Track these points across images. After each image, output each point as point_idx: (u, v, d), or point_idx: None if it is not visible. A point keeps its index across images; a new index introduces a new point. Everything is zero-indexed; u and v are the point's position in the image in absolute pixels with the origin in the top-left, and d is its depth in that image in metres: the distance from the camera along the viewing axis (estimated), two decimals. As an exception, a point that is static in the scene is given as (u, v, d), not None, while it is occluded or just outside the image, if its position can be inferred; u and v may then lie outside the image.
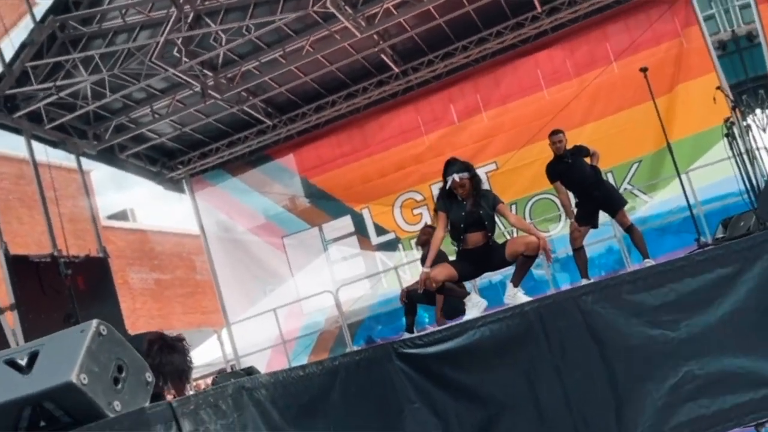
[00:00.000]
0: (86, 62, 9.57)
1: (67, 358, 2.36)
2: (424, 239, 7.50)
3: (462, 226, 5.25)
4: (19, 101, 9.83)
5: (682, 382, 3.86)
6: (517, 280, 5.13)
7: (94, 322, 2.49)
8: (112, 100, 10.35)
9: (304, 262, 11.98)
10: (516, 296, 5.00)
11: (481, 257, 5.28)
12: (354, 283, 11.22)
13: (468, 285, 6.62)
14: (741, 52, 8.42)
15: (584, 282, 6.40)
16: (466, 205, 5.27)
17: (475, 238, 5.25)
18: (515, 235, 8.28)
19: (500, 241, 5.40)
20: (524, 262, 5.13)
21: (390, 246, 11.56)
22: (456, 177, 5.22)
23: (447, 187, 5.29)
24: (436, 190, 10.85)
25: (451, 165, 5.36)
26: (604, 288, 4.13)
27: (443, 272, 5.22)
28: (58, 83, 9.50)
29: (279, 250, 12.12)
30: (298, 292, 11.62)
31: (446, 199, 5.35)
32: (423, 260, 6.88)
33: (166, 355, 4.51)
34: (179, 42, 9.18)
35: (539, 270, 9.39)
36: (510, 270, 5.29)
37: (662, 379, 3.88)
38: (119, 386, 2.49)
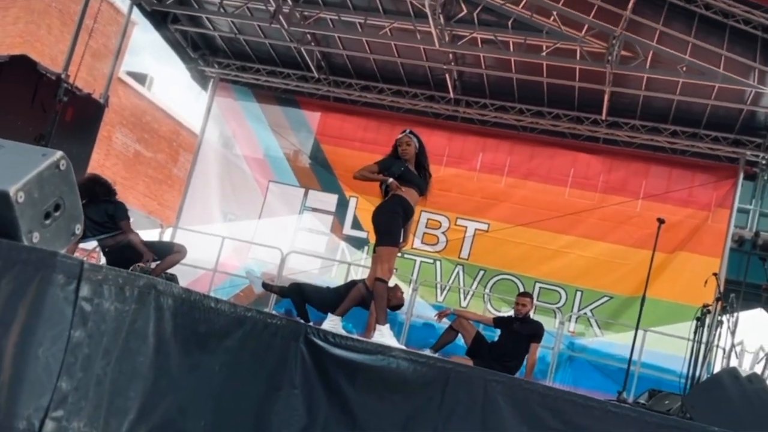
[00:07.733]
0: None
1: (17, 170, 2.35)
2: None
3: (397, 176, 5.36)
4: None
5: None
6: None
7: (59, 153, 2.49)
8: (192, -27, 10.33)
9: (275, 213, 11.94)
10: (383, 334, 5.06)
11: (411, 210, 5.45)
12: (307, 256, 11.20)
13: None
14: (751, 256, 8.58)
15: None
16: (408, 166, 5.44)
17: (410, 194, 5.37)
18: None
19: None
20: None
21: (358, 243, 11.54)
22: (404, 134, 5.48)
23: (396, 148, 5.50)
24: (425, 217, 10.99)
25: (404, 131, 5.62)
26: (517, 386, 4.15)
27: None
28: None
29: (260, 190, 12.09)
30: (255, 235, 11.58)
31: (390, 158, 5.53)
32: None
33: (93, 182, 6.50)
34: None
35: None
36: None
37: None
38: (47, 222, 2.49)
